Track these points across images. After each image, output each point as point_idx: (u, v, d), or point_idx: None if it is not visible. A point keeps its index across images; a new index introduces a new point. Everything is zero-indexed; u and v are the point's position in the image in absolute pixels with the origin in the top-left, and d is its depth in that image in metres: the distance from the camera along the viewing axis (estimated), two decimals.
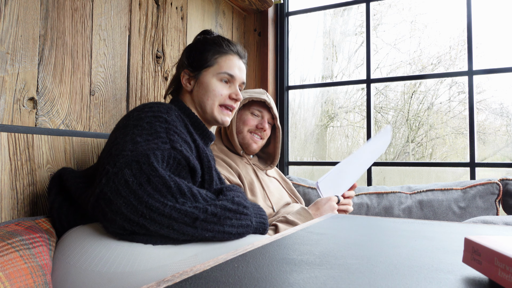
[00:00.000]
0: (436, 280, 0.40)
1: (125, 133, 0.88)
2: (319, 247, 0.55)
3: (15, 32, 0.99)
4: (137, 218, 0.74)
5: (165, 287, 0.37)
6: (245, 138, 1.36)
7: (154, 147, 0.82)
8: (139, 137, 0.85)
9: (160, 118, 0.91)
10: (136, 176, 0.76)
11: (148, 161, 0.78)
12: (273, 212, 1.29)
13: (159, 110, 0.93)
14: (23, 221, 0.86)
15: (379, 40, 2.76)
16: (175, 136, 0.89)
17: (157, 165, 0.78)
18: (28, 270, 0.74)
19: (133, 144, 0.83)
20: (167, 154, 0.82)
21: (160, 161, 0.80)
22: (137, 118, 0.91)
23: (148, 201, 0.74)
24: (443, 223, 0.82)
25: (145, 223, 0.74)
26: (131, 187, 0.74)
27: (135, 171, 0.77)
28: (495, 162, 2.22)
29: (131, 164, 0.78)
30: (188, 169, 0.87)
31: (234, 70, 1.10)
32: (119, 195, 0.74)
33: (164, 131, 0.88)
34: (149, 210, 0.73)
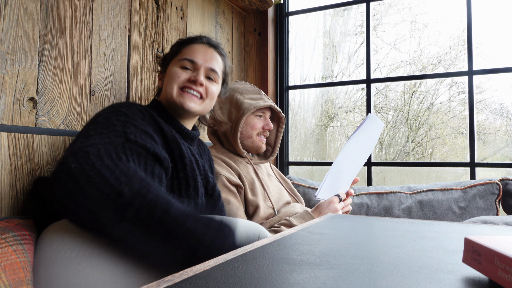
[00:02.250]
0: (436, 280, 0.40)
1: (81, 131, 0.86)
2: (319, 247, 0.55)
3: (15, 32, 0.99)
4: (73, 206, 0.69)
5: (165, 287, 0.37)
6: (255, 142, 1.38)
7: (107, 141, 0.78)
8: (93, 131, 0.82)
9: (118, 112, 0.89)
10: (80, 163, 0.71)
11: (98, 153, 0.74)
12: (273, 212, 1.29)
13: (120, 105, 0.92)
14: (12, 219, 0.87)
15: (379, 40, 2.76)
16: (132, 128, 0.85)
17: (106, 157, 0.74)
18: (21, 265, 0.75)
19: (85, 137, 0.80)
20: (121, 148, 0.78)
21: (112, 154, 0.75)
22: (96, 116, 0.90)
23: (84, 187, 0.68)
24: (443, 223, 0.82)
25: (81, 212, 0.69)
26: (72, 172, 0.70)
27: (81, 158, 0.72)
28: (495, 162, 2.22)
29: (78, 152, 0.74)
30: (152, 157, 0.84)
31: (195, 55, 1.06)
32: (59, 182, 0.71)
33: (120, 124, 0.85)
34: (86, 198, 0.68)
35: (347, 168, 1.26)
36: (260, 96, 1.39)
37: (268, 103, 1.36)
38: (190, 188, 0.97)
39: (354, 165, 1.30)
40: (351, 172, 1.30)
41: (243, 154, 1.37)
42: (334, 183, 1.25)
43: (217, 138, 1.42)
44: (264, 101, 1.36)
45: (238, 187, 1.26)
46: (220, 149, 1.38)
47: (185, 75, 1.05)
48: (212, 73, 1.08)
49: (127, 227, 0.68)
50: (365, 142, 1.26)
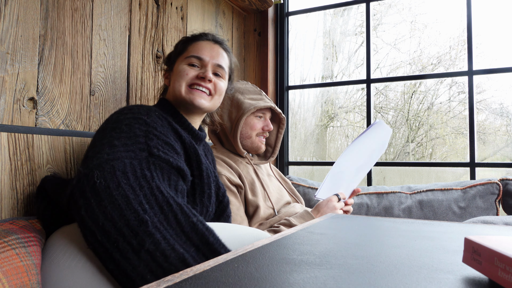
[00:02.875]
0: (436, 280, 0.40)
1: (103, 136, 0.85)
2: (319, 247, 0.55)
3: (15, 32, 0.99)
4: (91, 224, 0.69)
5: (165, 287, 0.37)
6: (254, 142, 1.37)
7: (132, 155, 0.79)
8: (117, 141, 0.82)
9: (139, 120, 0.88)
10: (106, 179, 0.72)
11: (124, 169, 0.75)
12: (273, 212, 1.29)
13: (139, 112, 0.91)
14: (17, 221, 0.87)
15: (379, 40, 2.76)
16: (154, 140, 0.85)
17: (131, 175, 0.74)
18: (24, 268, 0.74)
19: (110, 147, 0.80)
20: (145, 164, 0.79)
21: (137, 171, 0.76)
22: (116, 120, 0.89)
23: (106, 208, 0.69)
24: (443, 223, 0.82)
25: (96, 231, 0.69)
26: (97, 189, 0.71)
27: (107, 174, 0.73)
28: (495, 162, 2.22)
29: (104, 166, 0.74)
30: (175, 171, 0.84)
31: (202, 52, 1.06)
32: (83, 196, 0.72)
33: (143, 135, 0.85)
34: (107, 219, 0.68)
35: (349, 170, 1.26)
36: (261, 96, 1.39)
37: (269, 104, 1.36)
38: (204, 195, 0.96)
39: (358, 170, 1.29)
40: (353, 175, 1.29)
41: (243, 154, 1.37)
42: (334, 184, 1.25)
43: (217, 138, 1.42)
44: (265, 102, 1.36)
45: (239, 187, 1.26)
46: (221, 149, 1.38)
47: (193, 72, 1.04)
48: (219, 69, 1.08)
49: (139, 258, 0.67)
50: (370, 148, 1.26)
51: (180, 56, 1.08)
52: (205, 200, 0.96)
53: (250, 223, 1.25)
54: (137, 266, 0.67)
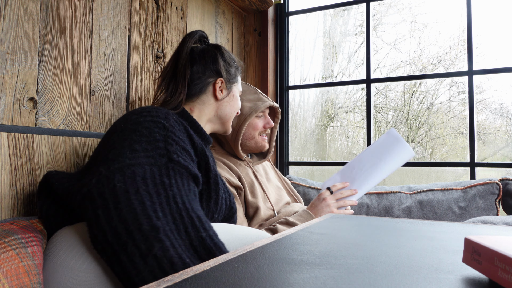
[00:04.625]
0: (436, 280, 0.40)
1: (123, 138, 0.86)
2: (319, 247, 0.55)
3: (15, 32, 0.99)
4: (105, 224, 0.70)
5: (165, 287, 0.37)
6: (258, 142, 1.37)
7: (152, 161, 0.81)
8: (138, 145, 0.83)
9: (158, 124, 0.89)
10: (126, 183, 0.74)
11: (144, 174, 0.77)
12: (273, 213, 1.29)
13: (158, 115, 0.91)
14: (18, 221, 0.86)
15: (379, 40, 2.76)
16: (173, 145, 0.87)
17: (150, 181, 0.76)
18: (25, 269, 0.74)
19: (132, 151, 0.81)
20: (164, 170, 0.81)
21: (156, 178, 0.78)
22: (135, 122, 0.89)
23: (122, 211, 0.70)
24: (443, 223, 0.82)
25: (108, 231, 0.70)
26: (116, 192, 0.73)
27: (127, 178, 0.75)
28: (495, 162, 2.22)
29: (125, 170, 0.76)
30: (192, 178, 0.86)
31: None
32: (101, 197, 0.73)
33: (162, 140, 0.86)
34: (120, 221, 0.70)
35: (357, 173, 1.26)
36: (257, 96, 1.37)
37: (267, 103, 1.35)
38: (211, 200, 0.97)
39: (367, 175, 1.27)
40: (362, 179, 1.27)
41: (243, 158, 1.36)
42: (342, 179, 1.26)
43: (216, 139, 1.41)
44: (263, 101, 1.35)
45: (238, 188, 1.26)
46: (220, 151, 1.38)
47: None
48: None
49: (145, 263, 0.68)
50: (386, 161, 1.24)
51: (237, 84, 1.17)
52: (211, 206, 0.97)
53: (250, 224, 1.25)
54: (141, 271, 0.67)
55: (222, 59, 1.13)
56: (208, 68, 1.11)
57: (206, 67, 1.11)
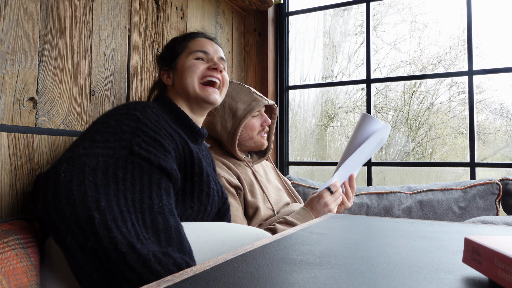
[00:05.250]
0: (436, 280, 0.40)
1: (89, 130, 0.83)
2: (319, 247, 0.55)
3: (15, 32, 0.99)
4: (45, 216, 0.67)
5: (165, 287, 0.37)
6: (257, 141, 1.36)
7: (110, 153, 0.76)
8: (100, 136, 0.80)
9: (131, 115, 0.86)
10: (72, 174, 0.69)
11: (95, 165, 0.72)
12: (273, 214, 1.29)
13: (134, 107, 0.89)
14: (17, 221, 0.86)
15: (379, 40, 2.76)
16: (140, 136, 0.82)
17: (100, 172, 0.71)
18: (24, 269, 0.74)
19: (90, 142, 0.78)
20: (122, 162, 0.75)
21: (109, 169, 0.73)
22: (107, 115, 0.87)
23: (61, 203, 0.66)
24: (443, 223, 0.82)
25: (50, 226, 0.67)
26: (59, 182, 0.68)
27: (75, 168, 0.70)
28: (495, 162, 2.22)
29: (75, 160, 0.72)
30: (157, 169, 0.80)
31: (205, 46, 1.09)
32: (44, 189, 0.69)
33: (130, 131, 0.82)
34: (58, 214, 0.66)
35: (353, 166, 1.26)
36: (251, 96, 1.35)
37: (262, 102, 1.33)
38: (203, 193, 0.95)
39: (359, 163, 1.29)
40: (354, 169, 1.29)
41: (242, 158, 1.36)
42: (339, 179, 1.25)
43: (215, 140, 1.40)
44: (257, 101, 1.33)
45: (238, 188, 1.26)
46: (219, 151, 1.37)
47: (203, 65, 1.06)
48: (222, 61, 1.12)
49: (86, 257, 0.64)
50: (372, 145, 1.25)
51: (182, 53, 1.09)
52: (203, 199, 0.95)
53: (249, 224, 1.25)
54: (83, 265, 0.64)
55: (160, 53, 1.15)
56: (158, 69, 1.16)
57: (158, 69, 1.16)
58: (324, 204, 1.19)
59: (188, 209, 0.92)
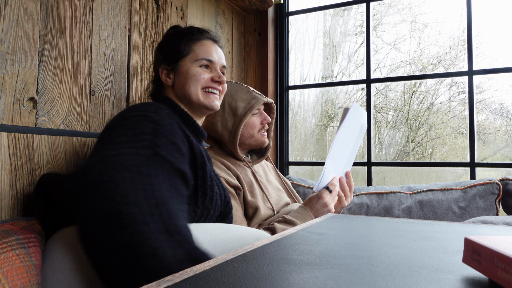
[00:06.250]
0: (436, 280, 0.40)
1: (108, 134, 0.84)
2: (319, 247, 0.55)
3: (15, 32, 0.99)
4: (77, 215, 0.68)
5: (165, 287, 0.37)
6: (258, 139, 1.36)
7: (133, 152, 0.77)
8: (120, 138, 0.80)
9: (147, 117, 0.86)
10: (101, 173, 0.70)
11: (121, 162, 0.73)
12: (273, 213, 1.29)
13: (148, 109, 0.89)
14: (17, 221, 0.86)
15: (379, 40, 2.76)
16: (161, 139, 0.83)
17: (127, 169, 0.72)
18: (24, 269, 0.74)
19: (113, 144, 0.79)
20: (145, 161, 0.76)
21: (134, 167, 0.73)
22: (123, 117, 0.87)
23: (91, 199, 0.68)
24: (443, 223, 0.82)
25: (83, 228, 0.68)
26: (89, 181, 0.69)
27: (103, 168, 0.71)
28: (495, 162, 2.22)
29: (102, 161, 0.73)
30: (176, 173, 0.81)
31: (211, 55, 1.09)
32: (76, 189, 0.70)
33: (150, 132, 0.83)
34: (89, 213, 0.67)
35: (341, 160, 1.24)
36: (251, 94, 1.35)
37: (261, 100, 1.33)
38: (206, 197, 0.95)
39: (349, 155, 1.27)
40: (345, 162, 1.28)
41: (242, 158, 1.36)
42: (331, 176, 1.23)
43: (214, 140, 1.40)
44: (257, 99, 1.33)
45: (237, 188, 1.26)
46: (219, 151, 1.37)
47: (207, 75, 1.08)
48: (224, 69, 1.14)
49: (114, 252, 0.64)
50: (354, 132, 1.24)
51: (186, 56, 1.08)
52: (206, 203, 0.96)
53: (249, 224, 1.24)
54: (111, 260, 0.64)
55: (161, 44, 1.13)
56: (155, 59, 1.14)
57: (155, 59, 1.15)
58: (324, 204, 1.19)
59: (192, 213, 0.93)
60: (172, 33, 1.13)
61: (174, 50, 1.09)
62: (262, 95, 1.36)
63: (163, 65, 1.10)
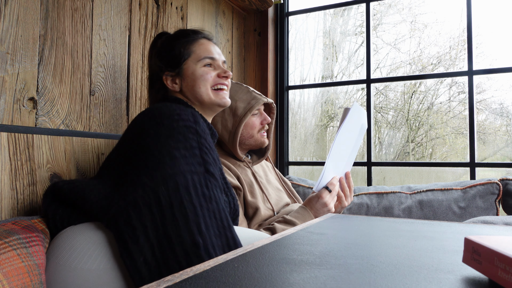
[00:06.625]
0: (436, 280, 0.40)
1: (160, 144, 0.85)
2: (319, 247, 0.55)
3: (15, 32, 0.99)
4: (153, 238, 0.73)
5: (165, 287, 0.37)
6: (257, 140, 1.36)
7: (192, 169, 0.82)
8: (177, 151, 0.83)
9: (191, 129, 0.88)
10: (170, 197, 0.76)
11: (186, 184, 0.78)
12: (273, 214, 1.29)
13: (188, 119, 0.90)
14: (19, 220, 0.86)
15: (379, 40, 2.76)
16: (208, 155, 0.87)
17: (193, 191, 0.78)
18: (25, 269, 0.74)
19: (171, 159, 0.82)
20: (204, 181, 0.82)
21: (198, 189, 0.79)
22: (169, 127, 0.87)
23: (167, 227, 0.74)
24: (443, 223, 0.82)
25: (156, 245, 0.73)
26: (162, 206, 0.75)
27: (171, 191, 0.77)
28: (495, 162, 2.22)
29: (168, 182, 0.78)
30: (222, 188, 0.88)
31: (212, 52, 1.10)
32: (148, 209, 0.75)
33: (197, 146, 0.86)
34: (165, 236, 0.73)
35: (341, 160, 1.24)
36: (250, 95, 1.35)
37: (261, 100, 1.33)
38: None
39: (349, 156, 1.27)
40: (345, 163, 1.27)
41: (242, 158, 1.36)
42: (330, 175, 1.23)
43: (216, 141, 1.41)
44: (257, 100, 1.33)
45: (237, 189, 1.26)
46: (219, 151, 1.38)
47: (213, 73, 1.09)
48: (224, 64, 1.14)
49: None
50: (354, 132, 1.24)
51: (188, 59, 1.08)
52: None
53: (249, 224, 1.24)
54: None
55: (157, 52, 1.12)
56: (153, 69, 1.13)
57: (150, 67, 1.14)
58: (324, 204, 1.19)
59: None
60: (166, 39, 1.13)
61: (174, 55, 1.08)
62: (262, 95, 1.36)
63: (166, 71, 1.09)
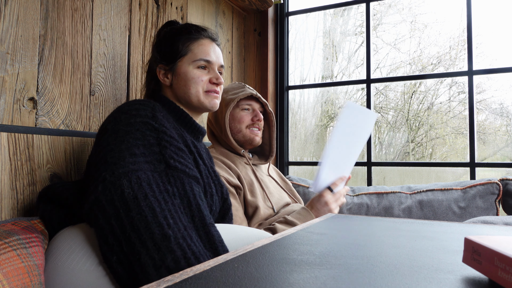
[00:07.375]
0: (436, 280, 0.40)
1: (118, 140, 0.84)
2: (319, 247, 0.55)
3: (15, 32, 0.99)
4: (120, 234, 0.72)
5: (165, 287, 0.37)
6: (246, 135, 1.36)
7: (152, 167, 0.80)
8: (136, 149, 0.82)
9: (148, 125, 0.87)
10: (134, 189, 0.74)
11: (148, 180, 0.77)
12: (273, 212, 1.29)
13: (146, 114, 0.89)
14: (19, 221, 0.86)
15: (379, 40, 2.76)
16: (168, 148, 0.85)
17: (156, 188, 0.77)
18: (25, 269, 0.74)
19: (131, 155, 0.80)
20: (165, 177, 0.80)
21: (160, 185, 0.78)
22: (127, 123, 0.87)
23: (134, 219, 0.71)
24: (443, 223, 0.82)
25: (123, 241, 0.71)
26: (126, 199, 0.73)
27: (134, 184, 0.75)
28: (495, 162, 2.22)
29: (130, 176, 0.76)
30: (192, 179, 0.85)
31: (209, 55, 1.07)
32: (111, 205, 0.73)
33: (156, 143, 0.85)
34: (133, 230, 0.71)
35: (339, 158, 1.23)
36: (243, 89, 1.36)
37: (249, 92, 1.33)
38: (207, 194, 0.96)
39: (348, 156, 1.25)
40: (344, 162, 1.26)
41: (240, 151, 1.36)
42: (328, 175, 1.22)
43: (215, 138, 1.41)
44: (245, 91, 1.34)
45: (237, 188, 1.26)
46: (219, 149, 1.38)
47: (205, 77, 1.07)
48: (221, 69, 1.12)
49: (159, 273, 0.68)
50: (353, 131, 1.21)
51: (184, 57, 1.06)
52: (208, 199, 0.96)
53: (249, 223, 1.25)
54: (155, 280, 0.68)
55: (158, 43, 1.11)
56: (152, 57, 1.12)
57: (152, 57, 1.12)
58: (325, 203, 1.19)
59: None
60: (169, 31, 1.11)
61: (171, 50, 1.07)
62: (253, 90, 1.37)
63: (160, 64, 1.08)
